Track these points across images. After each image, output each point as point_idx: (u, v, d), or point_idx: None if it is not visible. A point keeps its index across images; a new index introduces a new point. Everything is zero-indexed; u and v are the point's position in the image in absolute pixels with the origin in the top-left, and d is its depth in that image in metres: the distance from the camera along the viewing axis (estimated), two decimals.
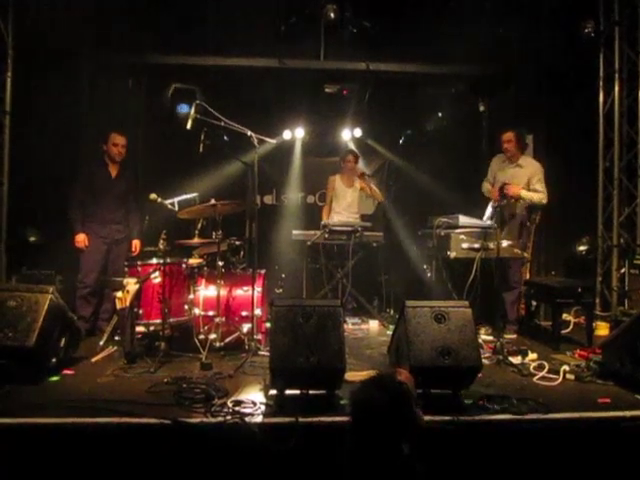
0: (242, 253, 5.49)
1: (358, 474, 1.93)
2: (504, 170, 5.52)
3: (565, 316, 5.44)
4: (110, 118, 5.94)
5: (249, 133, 4.52)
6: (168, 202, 4.77)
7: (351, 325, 5.79)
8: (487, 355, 4.36)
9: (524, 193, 5.22)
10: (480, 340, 4.41)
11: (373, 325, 5.86)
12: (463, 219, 5.16)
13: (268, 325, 4.47)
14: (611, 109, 6.12)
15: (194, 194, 5.03)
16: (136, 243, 5.41)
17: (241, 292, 4.68)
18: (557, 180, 5.59)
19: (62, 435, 2.83)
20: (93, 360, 4.24)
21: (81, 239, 5.06)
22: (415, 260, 6.26)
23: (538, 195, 5.26)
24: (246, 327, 4.51)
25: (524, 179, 5.32)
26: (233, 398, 3.27)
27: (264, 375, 3.69)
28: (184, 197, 4.92)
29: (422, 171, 7.62)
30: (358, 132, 7.73)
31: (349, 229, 5.87)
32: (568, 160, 6.17)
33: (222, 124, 4.47)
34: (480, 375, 3.47)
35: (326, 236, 5.84)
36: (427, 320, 3.44)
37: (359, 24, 6.18)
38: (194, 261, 4.89)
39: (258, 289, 4.60)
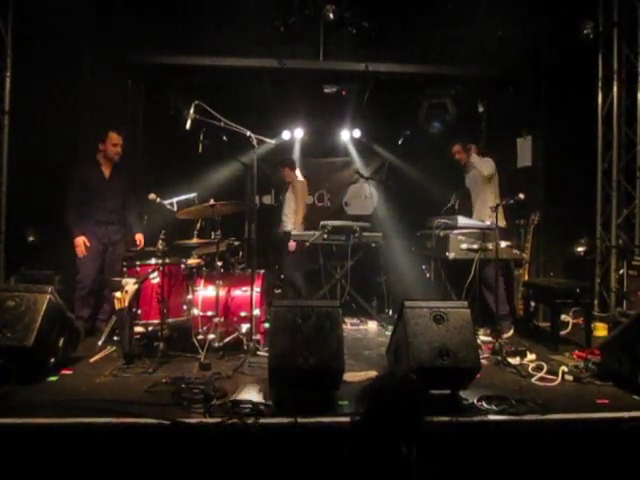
0: (241, 253, 5.50)
1: (358, 473, 1.92)
2: (467, 176, 6.06)
3: (564, 317, 5.43)
4: (109, 118, 5.94)
5: (248, 133, 4.52)
6: (167, 202, 4.78)
7: (350, 326, 5.79)
8: (486, 356, 4.36)
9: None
10: (479, 341, 4.42)
11: (372, 326, 5.85)
12: (462, 220, 5.17)
13: (267, 325, 4.48)
14: (610, 110, 6.12)
15: (193, 194, 5.04)
16: (140, 237, 5.32)
17: (240, 292, 4.67)
18: (556, 181, 5.59)
19: (60, 435, 2.83)
20: (92, 360, 4.24)
21: (80, 242, 4.99)
22: (414, 261, 6.26)
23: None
24: (245, 327, 4.51)
25: (483, 174, 5.71)
26: (232, 398, 3.25)
27: (263, 375, 3.68)
28: (183, 197, 4.92)
29: (421, 171, 7.63)
30: (357, 132, 7.77)
31: (348, 228, 5.86)
32: (567, 161, 6.16)
33: (221, 124, 4.46)
34: (479, 376, 3.47)
35: (325, 236, 5.84)
36: (426, 320, 3.44)
37: (358, 25, 6.18)
38: (193, 261, 4.88)
39: (257, 289, 4.59)
